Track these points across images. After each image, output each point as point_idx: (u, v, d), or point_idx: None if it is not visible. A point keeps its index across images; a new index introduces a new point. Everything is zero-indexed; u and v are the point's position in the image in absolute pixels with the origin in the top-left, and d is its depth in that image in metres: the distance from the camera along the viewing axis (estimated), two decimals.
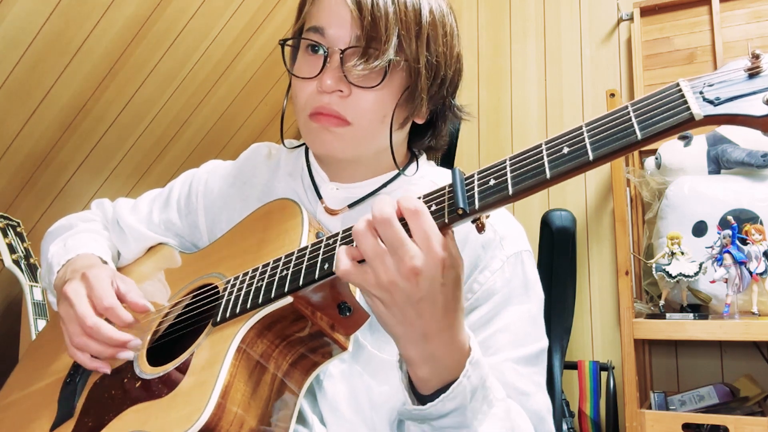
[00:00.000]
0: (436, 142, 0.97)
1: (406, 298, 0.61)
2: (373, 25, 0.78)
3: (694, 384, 2.18)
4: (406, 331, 0.64)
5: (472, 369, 0.67)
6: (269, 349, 0.74)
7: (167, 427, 0.69)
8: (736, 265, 1.83)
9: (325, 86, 0.80)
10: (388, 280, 0.61)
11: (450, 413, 0.67)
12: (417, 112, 0.87)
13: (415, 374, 0.68)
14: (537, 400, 0.83)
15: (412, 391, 0.70)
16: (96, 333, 0.82)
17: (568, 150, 0.56)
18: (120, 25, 1.86)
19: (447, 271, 0.61)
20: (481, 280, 0.85)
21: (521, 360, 0.83)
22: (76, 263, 0.97)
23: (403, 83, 0.84)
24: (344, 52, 0.81)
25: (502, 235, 0.87)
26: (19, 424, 0.94)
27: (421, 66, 0.82)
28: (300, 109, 0.86)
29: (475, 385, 0.68)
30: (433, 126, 0.95)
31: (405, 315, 0.63)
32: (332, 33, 0.81)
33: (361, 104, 0.82)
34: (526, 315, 0.85)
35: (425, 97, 0.84)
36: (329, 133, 0.84)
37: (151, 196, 1.11)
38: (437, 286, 0.61)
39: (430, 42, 0.83)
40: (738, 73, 0.52)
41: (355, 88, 0.82)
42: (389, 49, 0.78)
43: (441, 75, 0.85)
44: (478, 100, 2.78)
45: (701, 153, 2.11)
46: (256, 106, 2.62)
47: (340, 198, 0.93)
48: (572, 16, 2.69)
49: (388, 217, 0.59)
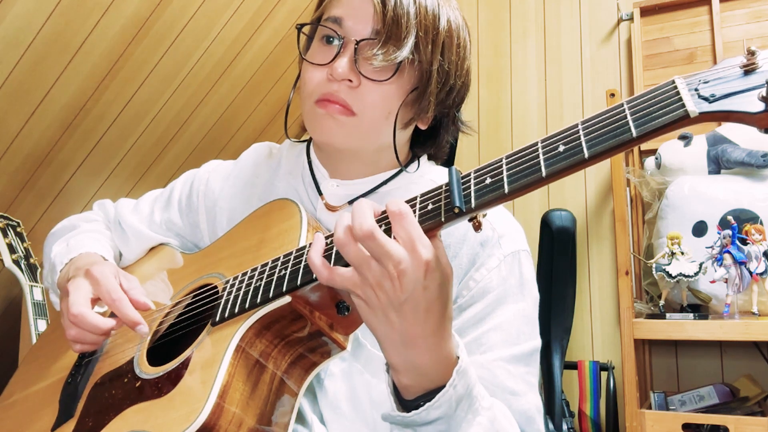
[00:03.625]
0: (436, 151, 0.98)
1: (389, 299, 0.62)
2: (394, 21, 0.80)
3: (694, 384, 2.18)
4: (389, 334, 0.64)
5: (458, 378, 0.67)
6: (268, 349, 0.74)
7: (166, 426, 0.70)
8: (736, 265, 1.83)
9: (336, 73, 0.81)
10: (373, 281, 0.61)
11: (434, 421, 0.67)
12: (422, 115, 0.88)
13: (398, 380, 0.68)
14: (527, 400, 0.82)
15: (396, 397, 0.70)
16: (80, 321, 0.83)
17: (564, 148, 0.56)
18: (120, 25, 1.86)
19: (430, 274, 0.62)
20: (477, 278, 0.85)
21: (513, 359, 0.83)
22: (79, 262, 0.98)
23: (413, 84, 0.85)
24: (359, 43, 0.82)
25: (500, 233, 0.87)
26: (20, 424, 0.94)
27: (433, 69, 0.83)
28: (307, 95, 0.86)
29: (460, 394, 0.67)
30: (436, 135, 0.95)
31: (387, 317, 0.63)
32: (350, 25, 0.83)
33: (369, 97, 0.83)
34: (520, 314, 0.85)
35: (433, 100, 0.85)
36: (333, 121, 0.84)
37: (153, 197, 1.12)
38: (419, 289, 0.62)
39: (445, 49, 0.84)
40: (734, 70, 0.52)
41: (364, 80, 0.82)
42: (406, 47, 0.80)
43: (450, 83, 0.87)
44: (478, 100, 2.78)
45: (701, 153, 2.10)
46: (256, 106, 2.62)
47: (341, 195, 0.93)
48: (572, 16, 2.69)
49: (369, 232, 0.60)
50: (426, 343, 0.65)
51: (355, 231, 0.60)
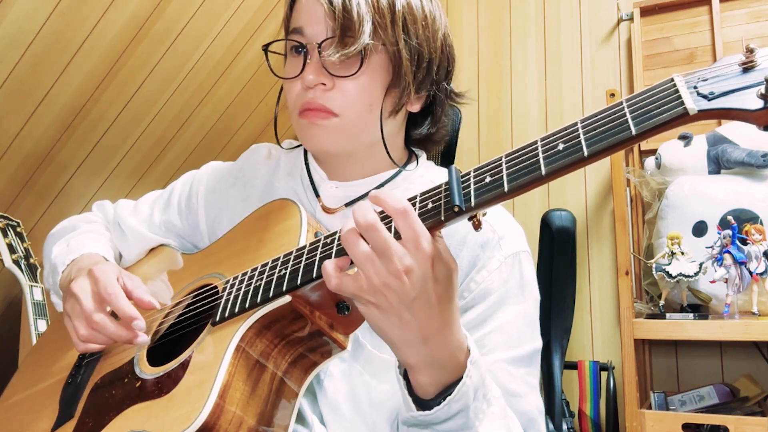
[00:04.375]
0: (435, 131, 0.97)
1: (399, 299, 0.62)
2: (345, 14, 0.80)
3: (694, 384, 2.18)
4: (404, 335, 0.64)
5: (473, 369, 0.67)
6: (268, 349, 0.74)
7: (166, 426, 0.69)
8: (736, 265, 1.83)
9: (307, 81, 0.82)
10: (380, 282, 0.61)
11: (455, 415, 0.67)
12: (406, 99, 0.87)
13: (416, 380, 0.68)
14: (528, 401, 0.82)
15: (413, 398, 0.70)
16: (102, 329, 0.83)
17: (563, 146, 0.56)
18: (120, 25, 1.86)
19: (437, 267, 0.62)
20: (478, 280, 0.85)
21: (514, 360, 0.83)
22: (81, 262, 0.98)
23: (386, 69, 0.85)
24: (321, 45, 0.82)
25: (500, 235, 0.87)
26: (20, 424, 0.94)
27: (401, 49, 0.83)
28: (291, 109, 0.87)
29: (476, 384, 0.68)
30: (432, 113, 0.95)
31: (401, 318, 0.63)
32: (310, 31, 0.83)
33: (346, 94, 0.83)
34: (521, 315, 0.85)
35: (411, 81, 0.85)
36: (318, 128, 0.84)
37: (152, 198, 1.12)
38: (429, 284, 0.62)
39: (408, 26, 0.84)
40: (732, 68, 0.52)
41: (337, 80, 0.83)
42: (363, 35, 0.80)
43: (426, 59, 0.86)
44: (478, 100, 2.78)
45: (701, 153, 2.10)
46: (256, 106, 2.62)
47: (339, 197, 0.93)
48: (572, 16, 2.69)
49: (372, 223, 0.60)
50: (443, 335, 0.65)
51: (359, 223, 0.61)
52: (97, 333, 0.84)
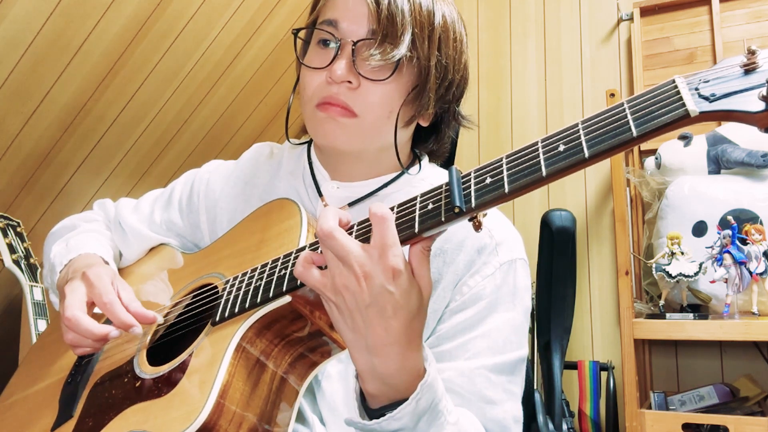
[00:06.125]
0: (438, 147, 0.98)
1: (355, 302, 0.62)
2: (389, 20, 0.79)
3: (694, 384, 2.18)
4: (355, 338, 0.65)
5: (423, 392, 0.66)
6: (268, 349, 0.74)
7: (166, 426, 0.69)
8: (736, 265, 1.83)
9: (335, 75, 0.81)
10: (340, 282, 0.62)
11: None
12: (423, 112, 0.87)
13: (364, 387, 0.68)
14: (504, 409, 0.82)
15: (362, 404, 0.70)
16: (74, 325, 0.83)
17: (564, 147, 0.56)
18: (120, 25, 1.86)
19: (400, 281, 0.62)
20: (471, 284, 0.85)
21: (496, 367, 0.82)
22: (78, 263, 0.97)
23: (412, 81, 0.84)
24: (356, 44, 0.82)
25: (498, 241, 0.87)
26: (20, 424, 0.94)
27: (432, 65, 0.83)
28: (307, 99, 0.86)
29: (423, 408, 0.67)
30: (437, 131, 0.95)
31: (354, 321, 0.64)
32: (345, 26, 0.82)
33: (369, 97, 0.83)
34: (509, 323, 0.85)
35: (433, 96, 0.85)
36: (335, 123, 0.84)
37: (153, 197, 1.11)
38: (385, 294, 0.62)
39: (441, 44, 0.84)
40: (734, 69, 0.52)
41: (364, 81, 0.82)
42: (403, 44, 0.80)
43: (449, 78, 0.87)
44: (478, 100, 2.78)
45: (701, 153, 2.10)
46: (256, 106, 2.62)
47: (341, 197, 0.93)
48: (572, 16, 2.69)
49: (329, 232, 0.61)
50: (391, 350, 0.64)
51: (317, 232, 0.62)
52: (76, 333, 0.84)
